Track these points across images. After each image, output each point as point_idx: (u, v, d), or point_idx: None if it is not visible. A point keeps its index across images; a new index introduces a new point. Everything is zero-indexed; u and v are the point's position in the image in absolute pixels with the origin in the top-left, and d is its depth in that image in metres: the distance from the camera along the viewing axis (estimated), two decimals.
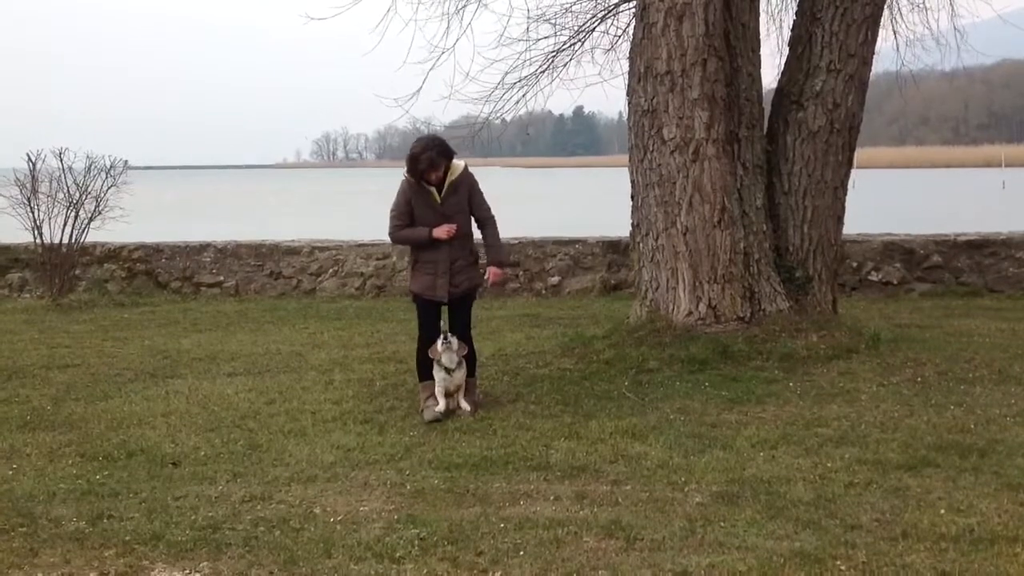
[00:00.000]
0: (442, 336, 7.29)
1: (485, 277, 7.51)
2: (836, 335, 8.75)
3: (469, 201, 7.39)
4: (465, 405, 7.32)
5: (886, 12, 10.20)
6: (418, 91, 11.39)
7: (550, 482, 5.69)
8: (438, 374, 7.29)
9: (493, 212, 7.52)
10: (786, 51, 9.79)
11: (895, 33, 11.67)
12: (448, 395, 7.30)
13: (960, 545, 4.60)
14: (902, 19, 11.64)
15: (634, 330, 8.94)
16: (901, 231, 14.21)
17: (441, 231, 7.23)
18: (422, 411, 7.25)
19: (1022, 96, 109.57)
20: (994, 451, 6.00)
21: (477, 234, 7.58)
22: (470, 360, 7.49)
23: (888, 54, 11.91)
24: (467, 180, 7.37)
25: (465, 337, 7.46)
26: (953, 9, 11.69)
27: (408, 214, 7.33)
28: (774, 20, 11.80)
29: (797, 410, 7.07)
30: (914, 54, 12.02)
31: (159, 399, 7.96)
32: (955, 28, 11.78)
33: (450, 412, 7.22)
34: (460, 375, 7.32)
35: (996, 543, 4.61)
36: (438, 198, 7.28)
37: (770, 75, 10.04)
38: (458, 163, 7.35)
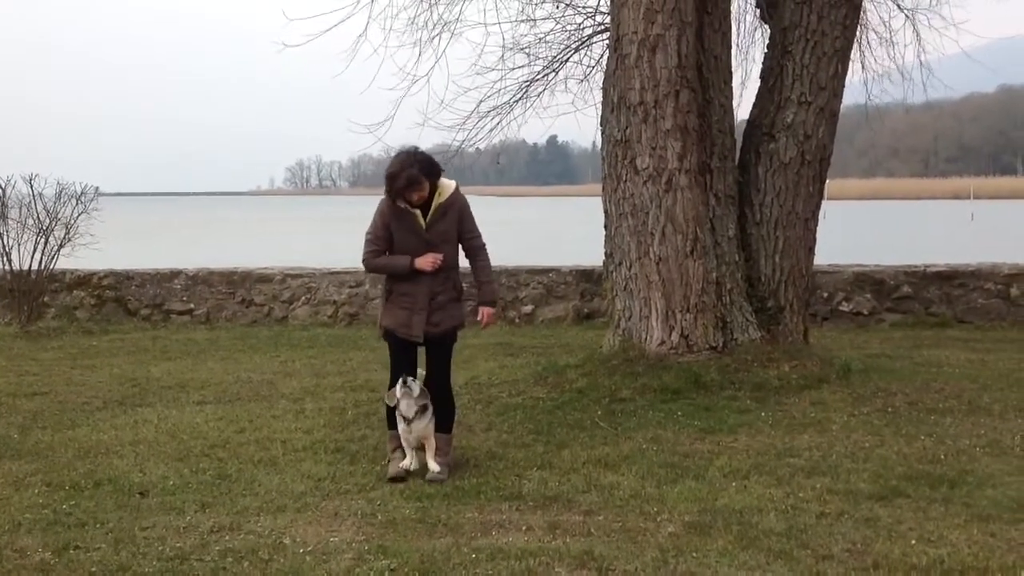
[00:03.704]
0: (401, 380, 6.31)
1: (478, 318, 6.59)
2: (807, 365, 8.78)
3: (459, 227, 6.42)
4: (434, 466, 6.32)
5: (855, 46, 10.34)
6: (391, 118, 11.40)
7: (522, 512, 5.66)
8: (399, 424, 6.39)
9: (484, 239, 6.59)
10: (753, 84, 9.91)
11: (863, 67, 11.85)
12: (415, 450, 6.44)
13: None
14: (871, 53, 11.82)
15: (607, 359, 8.95)
16: (871, 262, 14.34)
17: (425, 262, 6.29)
18: (387, 464, 6.50)
19: (990, 130, 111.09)
20: (964, 482, 6.02)
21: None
22: (447, 414, 6.57)
23: (858, 87, 12.08)
24: (458, 203, 6.40)
25: (443, 385, 6.56)
26: (920, 45, 11.85)
27: (386, 239, 6.37)
28: (740, 51, 11.95)
29: (769, 440, 7.08)
30: (883, 88, 12.21)
31: (127, 428, 7.87)
32: (921, 64, 11.97)
33: (420, 468, 6.39)
34: (420, 427, 6.35)
35: (966, 574, 4.62)
36: (423, 223, 6.31)
37: (738, 107, 10.13)
38: (448, 183, 6.40)
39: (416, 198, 6.25)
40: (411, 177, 6.17)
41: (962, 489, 5.89)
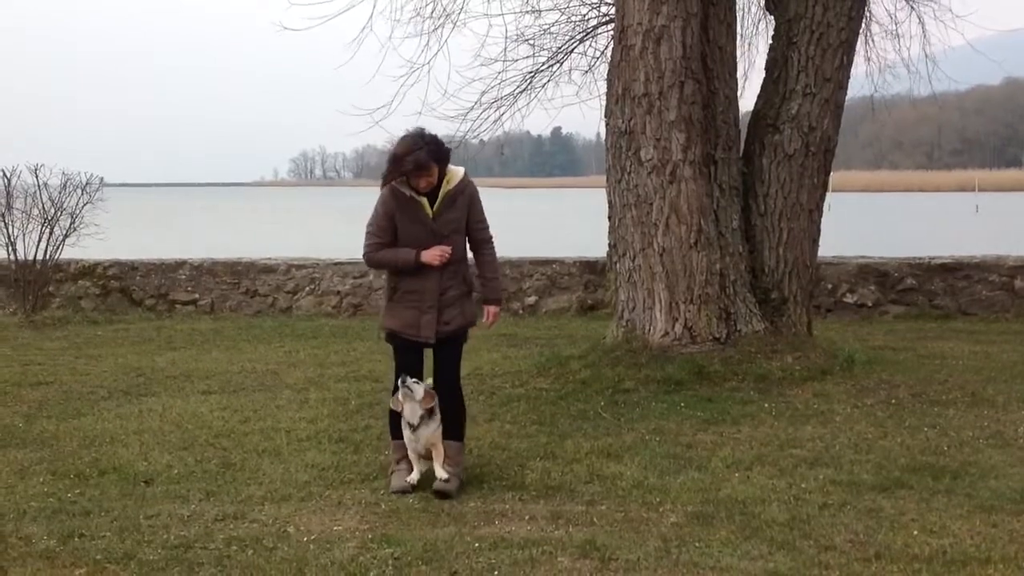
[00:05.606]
0: (400, 380, 5.77)
1: (483, 319, 6.12)
2: (811, 356, 8.79)
3: (467, 216, 5.92)
4: (442, 472, 5.78)
5: (861, 38, 10.32)
6: (390, 104, 11.40)
7: (525, 502, 5.67)
8: (404, 432, 5.85)
9: (492, 232, 6.11)
10: (755, 75, 9.90)
11: (868, 59, 11.84)
12: (422, 458, 5.90)
13: (933, 566, 4.62)
14: (876, 45, 11.82)
15: (610, 350, 8.96)
16: (876, 254, 14.34)
17: (432, 255, 5.73)
18: (390, 475, 5.98)
19: (995, 122, 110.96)
20: (967, 473, 6.03)
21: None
22: (457, 419, 6.05)
23: (864, 79, 12.07)
24: (467, 191, 5.87)
25: (452, 388, 6.03)
26: (925, 37, 11.82)
27: (389, 231, 5.80)
28: (744, 42, 11.95)
29: (772, 431, 7.09)
30: (893, 75, 12.21)
31: (132, 417, 7.89)
32: (926, 55, 11.95)
33: (425, 480, 5.90)
34: (428, 433, 5.81)
35: (968, 564, 4.63)
36: (430, 211, 5.78)
37: (743, 98, 10.14)
38: (456, 169, 5.87)
39: (423, 184, 5.71)
40: (418, 160, 5.61)
41: (965, 480, 5.90)
